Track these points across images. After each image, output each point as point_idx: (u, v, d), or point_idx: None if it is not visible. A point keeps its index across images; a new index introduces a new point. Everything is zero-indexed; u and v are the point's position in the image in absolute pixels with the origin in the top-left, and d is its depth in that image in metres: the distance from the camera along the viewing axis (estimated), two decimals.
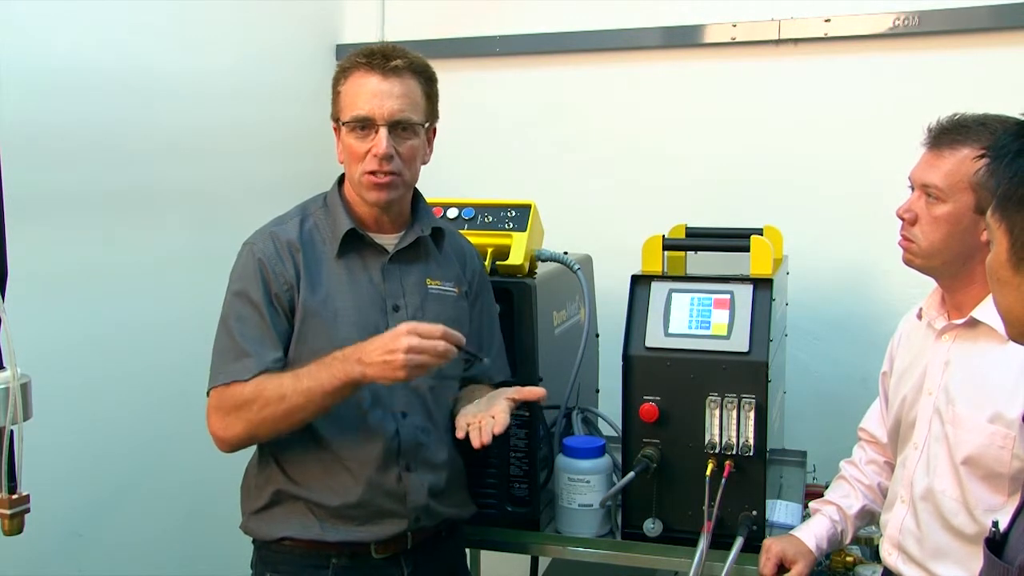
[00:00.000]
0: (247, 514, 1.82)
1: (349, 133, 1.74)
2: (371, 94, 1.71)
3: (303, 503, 1.76)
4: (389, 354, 1.60)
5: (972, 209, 1.60)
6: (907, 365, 1.78)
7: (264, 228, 1.81)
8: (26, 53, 2.02)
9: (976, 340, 1.62)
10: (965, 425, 1.59)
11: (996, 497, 1.56)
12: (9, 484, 1.33)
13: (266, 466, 1.79)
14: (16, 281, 1.38)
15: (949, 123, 1.66)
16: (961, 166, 1.61)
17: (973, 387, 1.60)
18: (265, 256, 1.74)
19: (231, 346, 1.72)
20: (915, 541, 1.68)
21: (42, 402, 1.40)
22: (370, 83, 1.72)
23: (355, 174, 1.75)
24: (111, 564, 2.24)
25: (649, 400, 1.94)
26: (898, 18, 2.61)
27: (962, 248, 1.63)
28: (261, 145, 2.76)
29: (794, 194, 2.69)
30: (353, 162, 1.75)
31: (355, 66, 1.75)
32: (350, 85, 1.75)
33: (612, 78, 2.92)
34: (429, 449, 1.82)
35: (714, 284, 1.99)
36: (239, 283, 1.76)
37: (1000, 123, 1.61)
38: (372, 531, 1.77)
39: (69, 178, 2.15)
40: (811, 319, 2.65)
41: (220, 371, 1.72)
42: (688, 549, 1.87)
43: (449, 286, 1.87)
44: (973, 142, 1.60)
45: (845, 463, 1.99)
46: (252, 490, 1.82)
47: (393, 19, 3.13)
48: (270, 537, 1.78)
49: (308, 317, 1.74)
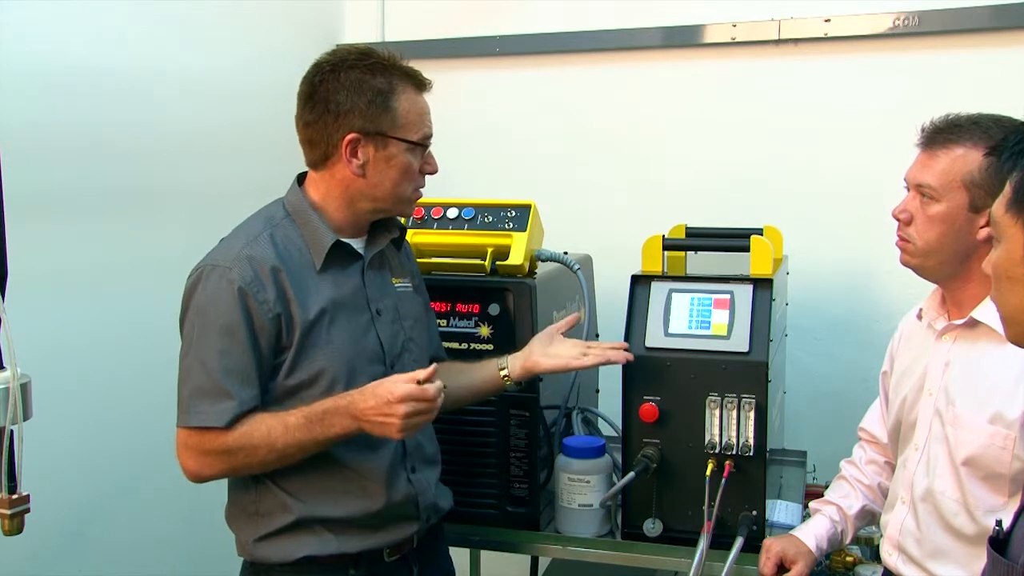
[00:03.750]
0: (250, 541, 1.74)
1: (409, 151, 1.71)
2: (427, 113, 1.75)
3: (317, 521, 1.72)
4: (386, 416, 1.59)
5: (966, 208, 1.60)
6: (907, 366, 1.78)
7: (232, 249, 1.68)
8: (26, 53, 2.02)
9: (976, 340, 1.62)
10: (965, 426, 1.59)
11: (996, 498, 1.56)
12: (9, 484, 1.33)
13: (265, 491, 1.72)
14: (16, 281, 1.38)
15: (942, 123, 1.66)
16: (954, 165, 1.61)
17: (973, 387, 1.60)
18: (245, 283, 1.63)
19: (209, 384, 1.63)
20: (915, 542, 1.68)
21: (42, 402, 1.40)
22: (423, 102, 1.75)
23: (405, 190, 1.74)
24: (111, 564, 2.24)
25: (649, 400, 1.94)
26: (898, 18, 2.61)
27: (958, 247, 1.63)
28: (261, 145, 2.76)
29: (794, 194, 2.69)
30: (407, 179, 1.73)
31: (405, 81, 1.72)
32: (409, 102, 1.71)
33: (612, 78, 2.92)
34: (424, 446, 1.84)
35: (714, 284, 1.99)
36: (216, 315, 1.63)
37: (994, 122, 1.62)
38: (388, 536, 1.77)
39: (69, 178, 2.15)
40: (811, 319, 2.65)
41: (195, 411, 1.64)
42: (688, 549, 1.87)
43: (406, 282, 1.89)
44: (966, 141, 1.61)
45: (845, 463, 1.99)
46: (254, 516, 1.74)
47: (393, 19, 3.13)
48: (286, 560, 1.72)
49: (305, 337, 1.68)
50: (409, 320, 1.85)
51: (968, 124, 1.63)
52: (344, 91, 1.68)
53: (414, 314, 1.87)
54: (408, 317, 1.85)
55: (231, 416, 1.62)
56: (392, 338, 1.79)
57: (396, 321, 1.81)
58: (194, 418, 1.64)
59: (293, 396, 1.69)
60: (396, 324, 1.81)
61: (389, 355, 1.77)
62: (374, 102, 1.68)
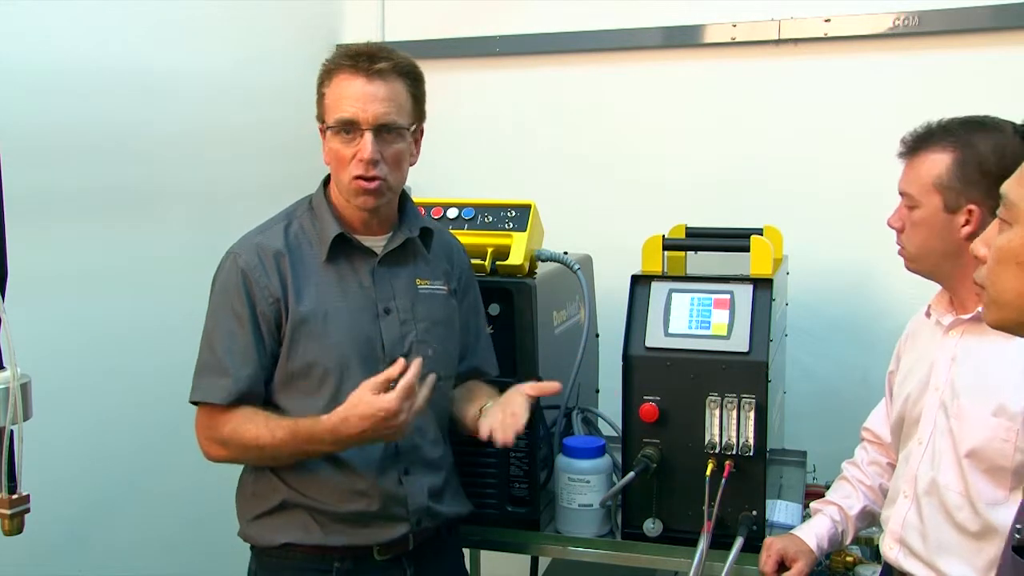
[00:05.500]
0: (245, 520, 1.81)
1: (334, 136, 1.71)
2: (355, 97, 1.68)
3: (304, 509, 1.75)
4: (387, 428, 1.63)
5: (941, 210, 1.66)
6: (913, 362, 1.79)
7: (249, 236, 1.78)
8: (26, 53, 2.02)
9: (983, 335, 1.63)
10: (969, 418, 1.60)
11: (998, 491, 1.57)
12: (9, 484, 1.33)
13: (263, 473, 1.78)
14: (16, 281, 1.38)
15: (917, 132, 1.73)
16: (926, 171, 1.68)
17: (977, 381, 1.61)
18: (249, 268, 1.72)
19: (212, 362, 1.72)
20: (918, 536, 1.68)
21: (42, 402, 1.39)
22: (355, 85, 1.69)
23: (342, 178, 1.73)
24: (111, 564, 2.24)
25: (649, 400, 1.94)
26: (898, 18, 2.61)
27: (945, 247, 1.67)
28: (261, 145, 2.76)
29: (794, 194, 2.69)
30: (339, 166, 1.73)
31: (339, 67, 1.71)
32: (335, 87, 1.71)
33: (612, 78, 2.92)
34: (424, 450, 1.82)
35: (714, 284, 1.99)
36: (223, 295, 1.74)
37: (960, 124, 1.67)
38: (374, 534, 1.77)
39: (69, 178, 2.15)
40: (811, 319, 2.65)
41: (198, 385, 1.73)
42: (688, 549, 1.87)
43: (439, 285, 1.87)
44: (935, 146, 1.67)
45: (847, 464, 1.99)
46: (250, 497, 1.80)
47: (393, 19, 3.13)
48: (271, 544, 1.77)
49: (298, 326, 1.72)
50: (426, 322, 1.82)
51: (939, 130, 1.69)
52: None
53: (436, 317, 1.83)
54: (425, 319, 1.81)
55: (227, 393, 1.69)
56: (397, 338, 1.78)
57: (408, 322, 1.79)
58: (195, 392, 1.74)
59: (289, 385, 1.74)
60: (407, 325, 1.79)
61: (389, 355, 1.75)
62: (318, 91, 1.76)
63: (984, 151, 1.61)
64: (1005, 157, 1.57)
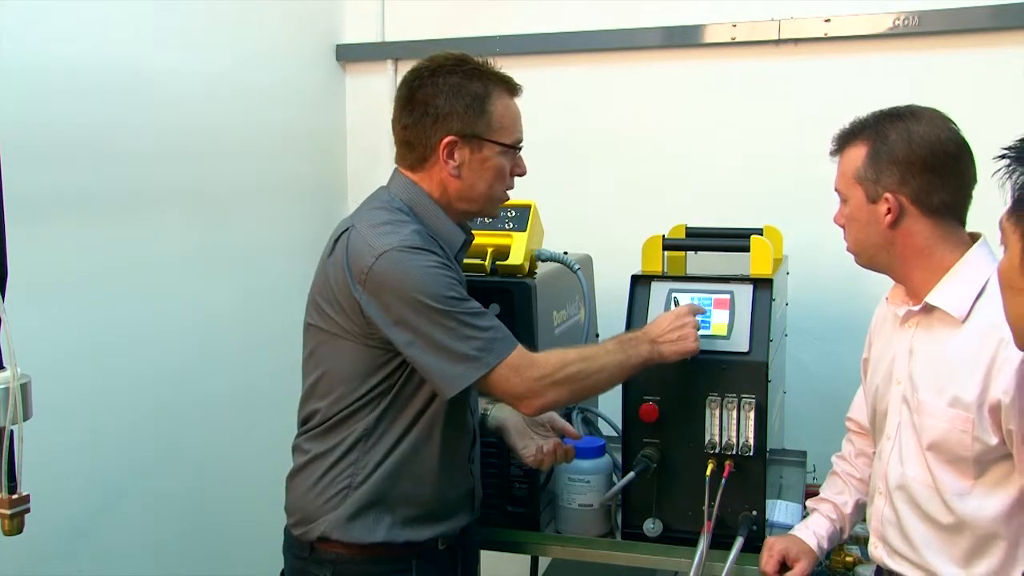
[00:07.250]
0: (322, 519, 1.74)
1: (504, 154, 1.77)
2: (519, 118, 1.81)
3: (397, 505, 1.75)
4: (681, 329, 1.81)
5: (865, 202, 1.67)
6: (880, 352, 1.80)
7: (400, 234, 1.68)
8: (26, 53, 2.02)
9: (933, 326, 1.64)
10: (928, 411, 1.61)
11: (963, 482, 1.57)
12: (9, 484, 1.33)
13: (355, 469, 1.74)
14: (16, 281, 1.38)
15: (844, 128, 1.74)
16: (847, 165, 1.70)
17: (933, 372, 1.62)
18: (440, 265, 1.69)
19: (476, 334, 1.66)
20: (896, 531, 1.69)
21: (42, 402, 1.40)
22: (516, 107, 1.81)
23: (497, 191, 1.80)
24: (111, 564, 2.24)
25: (649, 400, 1.94)
26: (898, 18, 2.61)
27: (876, 238, 1.68)
28: (261, 145, 2.76)
29: (794, 194, 2.68)
30: (500, 180, 1.79)
31: (500, 86, 1.78)
32: (503, 106, 1.78)
33: (612, 78, 2.92)
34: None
35: (714, 284, 1.99)
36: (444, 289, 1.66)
37: (878, 118, 1.68)
38: (449, 525, 1.82)
39: (69, 178, 2.15)
40: (811, 319, 2.65)
41: (488, 350, 1.66)
42: (688, 549, 1.87)
43: None
44: (854, 141, 1.69)
45: (836, 458, 1.99)
46: (335, 497, 1.74)
47: (393, 19, 3.13)
48: (364, 542, 1.73)
49: None
50: None
51: (859, 125, 1.71)
52: (443, 95, 1.74)
53: None
54: None
55: (514, 339, 1.72)
56: None
57: None
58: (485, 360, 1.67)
59: None
60: None
61: None
62: (471, 106, 1.74)
63: (893, 139, 1.63)
64: (912, 143, 1.60)
